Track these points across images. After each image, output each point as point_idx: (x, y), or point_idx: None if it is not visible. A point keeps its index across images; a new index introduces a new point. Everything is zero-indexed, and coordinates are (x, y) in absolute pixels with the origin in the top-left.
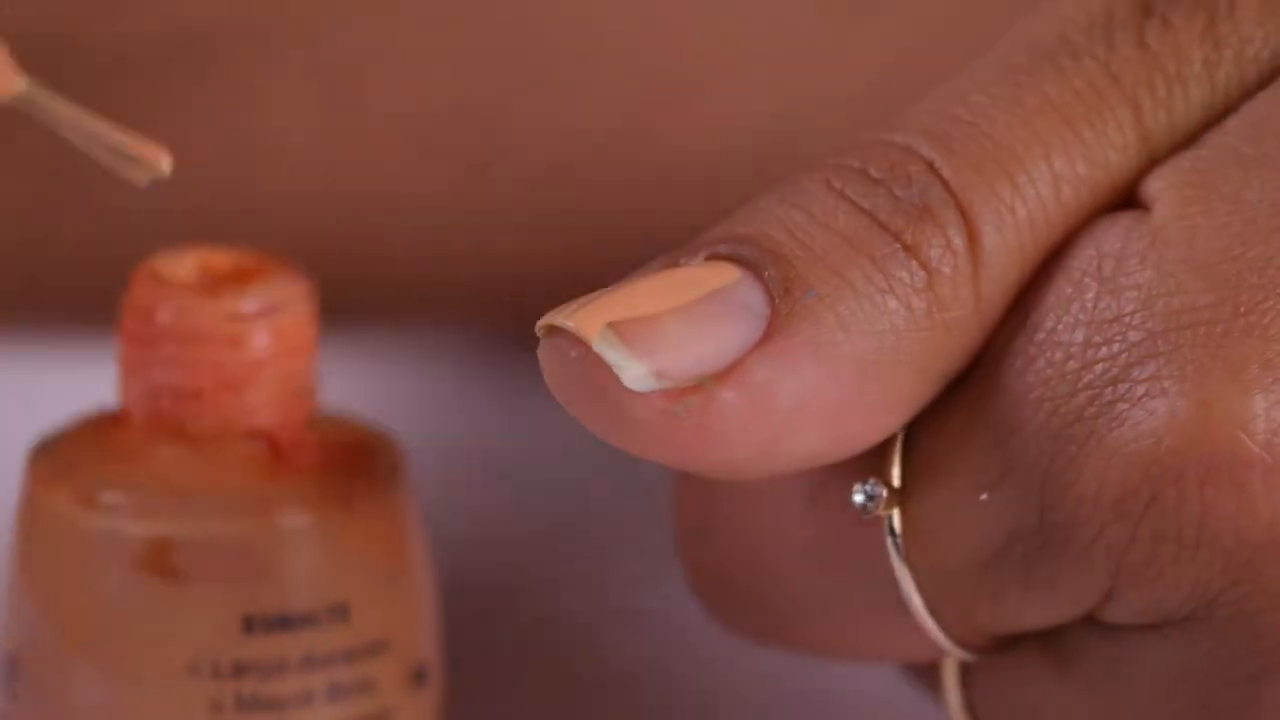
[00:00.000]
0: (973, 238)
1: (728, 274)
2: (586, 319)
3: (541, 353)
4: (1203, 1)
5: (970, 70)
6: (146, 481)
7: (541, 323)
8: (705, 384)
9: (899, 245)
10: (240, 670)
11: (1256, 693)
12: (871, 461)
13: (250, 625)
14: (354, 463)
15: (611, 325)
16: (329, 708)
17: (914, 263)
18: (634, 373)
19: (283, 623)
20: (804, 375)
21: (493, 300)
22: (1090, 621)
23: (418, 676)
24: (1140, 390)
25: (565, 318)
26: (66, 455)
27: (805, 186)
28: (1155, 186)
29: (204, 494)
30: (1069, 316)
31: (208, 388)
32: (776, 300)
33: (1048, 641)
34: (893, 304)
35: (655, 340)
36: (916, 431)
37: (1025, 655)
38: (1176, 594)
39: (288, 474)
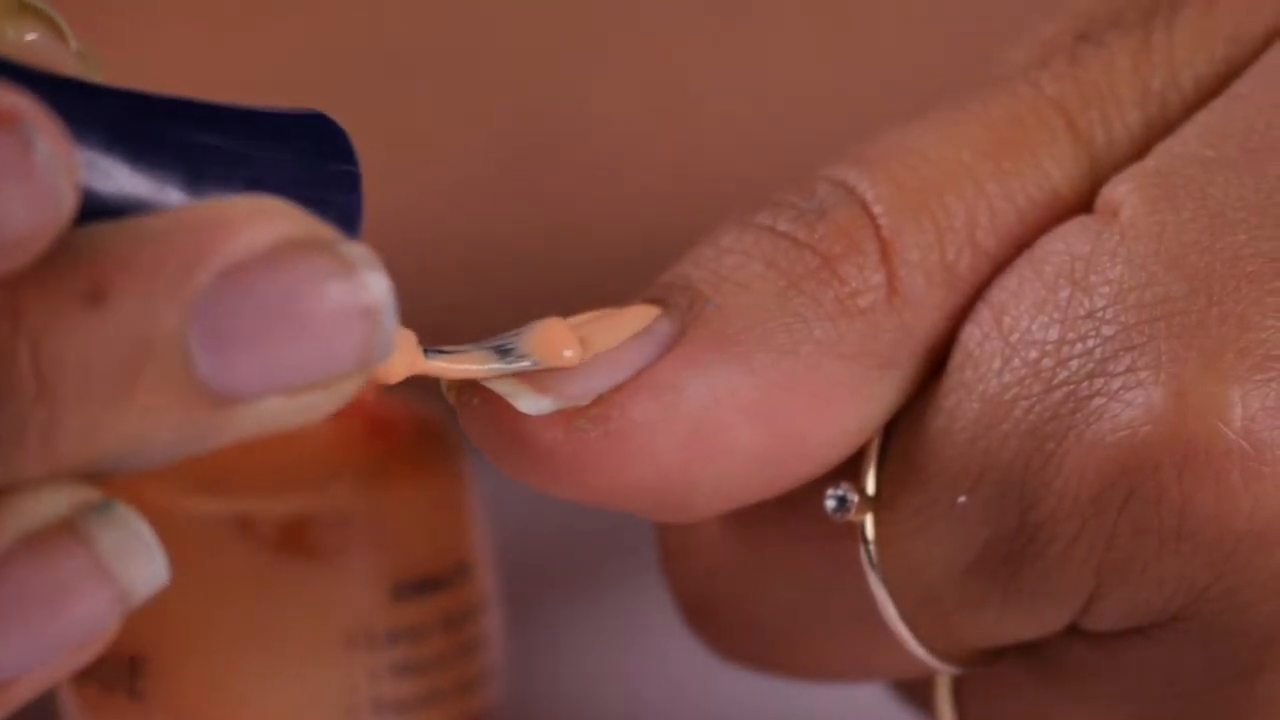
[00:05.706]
0: (875, 223)
1: (643, 313)
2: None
3: (458, 415)
4: (1139, 21)
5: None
6: (250, 464)
7: (444, 388)
8: (606, 397)
9: (793, 242)
10: (394, 638)
11: (1248, 691)
12: (849, 470)
13: (398, 593)
14: (426, 432)
15: None
16: (461, 665)
17: (809, 254)
18: (529, 399)
19: (423, 587)
20: (712, 372)
21: None
22: (1075, 631)
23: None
24: (1116, 384)
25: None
26: None
27: (724, 226)
28: (1120, 191)
29: (321, 470)
30: (1043, 316)
31: None
32: (682, 319)
33: (1033, 653)
34: (795, 296)
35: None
36: (892, 438)
37: (1013, 668)
38: (1161, 591)
39: (382, 446)
